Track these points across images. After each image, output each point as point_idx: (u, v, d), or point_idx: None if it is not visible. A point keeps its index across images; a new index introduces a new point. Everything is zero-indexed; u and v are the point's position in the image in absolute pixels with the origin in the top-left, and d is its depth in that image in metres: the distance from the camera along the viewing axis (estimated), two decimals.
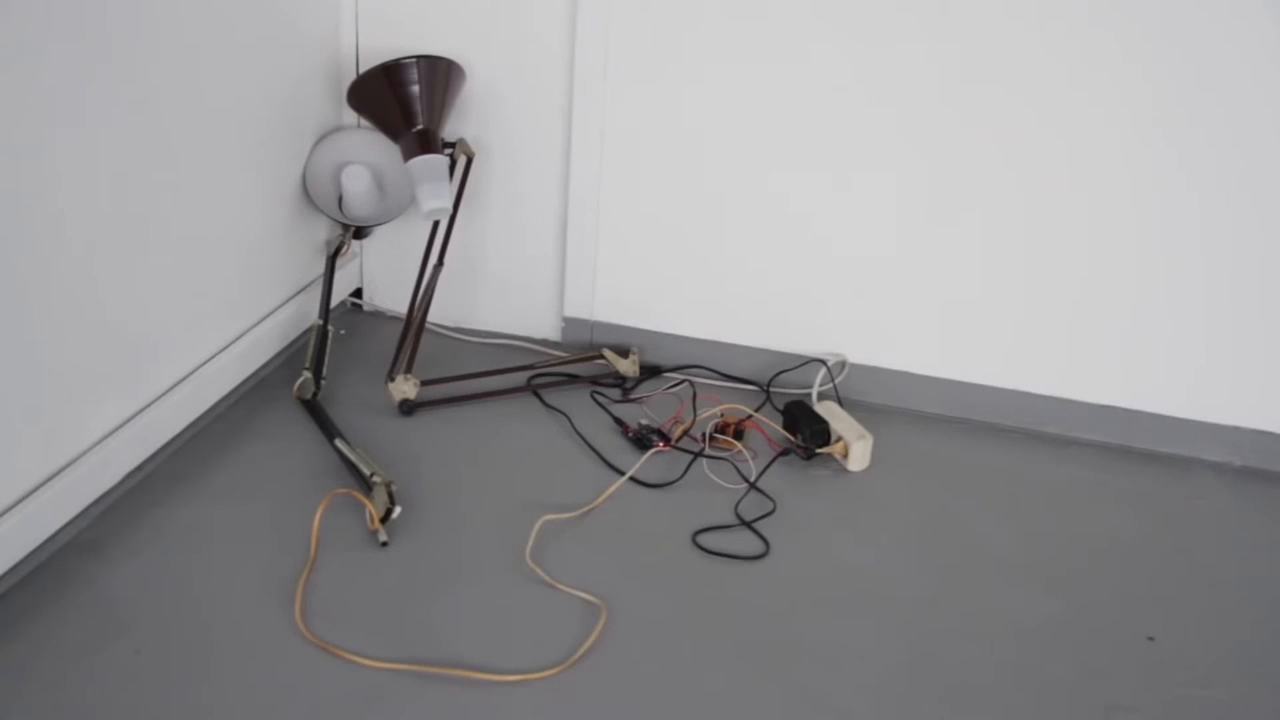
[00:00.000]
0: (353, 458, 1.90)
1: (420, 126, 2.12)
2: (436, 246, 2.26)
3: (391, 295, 2.44)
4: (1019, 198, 2.07)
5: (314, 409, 2.06)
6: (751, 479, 1.97)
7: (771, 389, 2.25)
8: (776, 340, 2.27)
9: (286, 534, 1.76)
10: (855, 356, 2.24)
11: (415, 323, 2.19)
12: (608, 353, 2.28)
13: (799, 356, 2.26)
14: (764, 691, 1.54)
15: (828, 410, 2.10)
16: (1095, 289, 2.09)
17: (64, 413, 1.68)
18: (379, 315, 2.46)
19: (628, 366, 2.26)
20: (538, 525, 1.79)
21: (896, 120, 2.07)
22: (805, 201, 2.16)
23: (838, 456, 2.04)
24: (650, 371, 2.29)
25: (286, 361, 2.22)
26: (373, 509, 1.77)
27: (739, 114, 2.13)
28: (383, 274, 2.44)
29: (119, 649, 1.53)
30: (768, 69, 2.09)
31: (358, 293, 2.47)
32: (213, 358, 2.01)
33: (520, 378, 2.24)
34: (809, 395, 2.19)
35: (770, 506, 1.91)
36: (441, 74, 2.14)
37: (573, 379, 2.24)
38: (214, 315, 2.01)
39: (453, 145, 2.23)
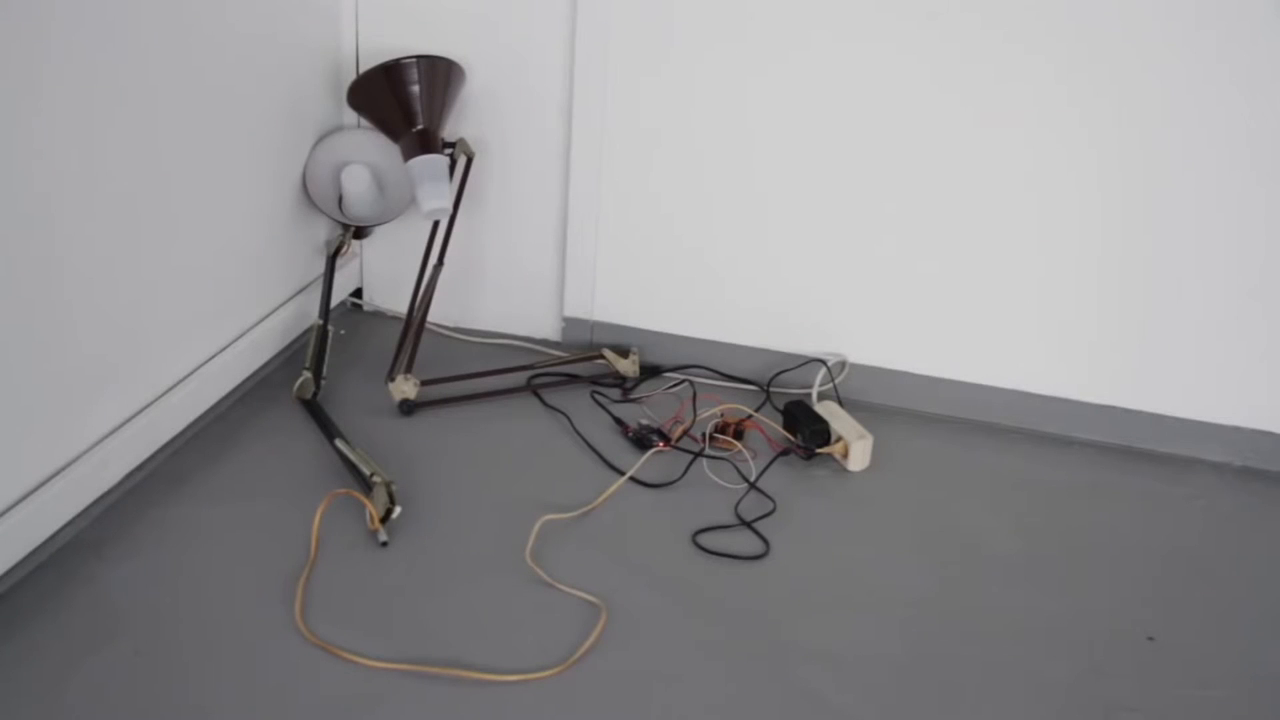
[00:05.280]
0: (353, 458, 1.90)
1: (420, 126, 2.12)
2: (436, 246, 2.26)
3: (391, 295, 2.44)
4: (1020, 198, 2.07)
5: (314, 409, 2.06)
6: (751, 479, 1.97)
7: (771, 389, 2.25)
8: (776, 340, 2.27)
9: (286, 534, 1.76)
10: (855, 356, 2.24)
11: (415, 323, 2.19)
12: (608, 353, 2.28)
13: (799, 356, 2.26)
14: (764, 691, 1.54)
15: (828, 410, 2.10)
16: (1095, 289, 2.09)
17: (64, 413, 1.68)
18: (379, 315, 2.46)
19: (628, 366, 2.26)
20: (538, 525, 1.79)
21: (897, 120, 2.07)
22: (806, 201, 2.16)
23: (838, 456, 2.04)
24: (650, 371, 2.29)
25: (286, 361, 2.22)
26: (373, 509, 1.77)
27: (739, 114, 2.13)
28: (383, 274, 2.44)
29: (119, 649, 1.53)
30: (768, 70, 2.09)
31: (358, 293, 2.47)
32: (213, 358, 2.01)
33: (520, 378, 2.24)
34: (809, 395, 2.19)
35: (770, 506, 1.91)
36: (441, 74, 2.14)
37: (573, 379, 2.24)
38: (214, 315, 2.01)
39: (453, 145, 2.23)
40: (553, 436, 2.08)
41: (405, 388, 2.09)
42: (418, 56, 2.12)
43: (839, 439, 2.03)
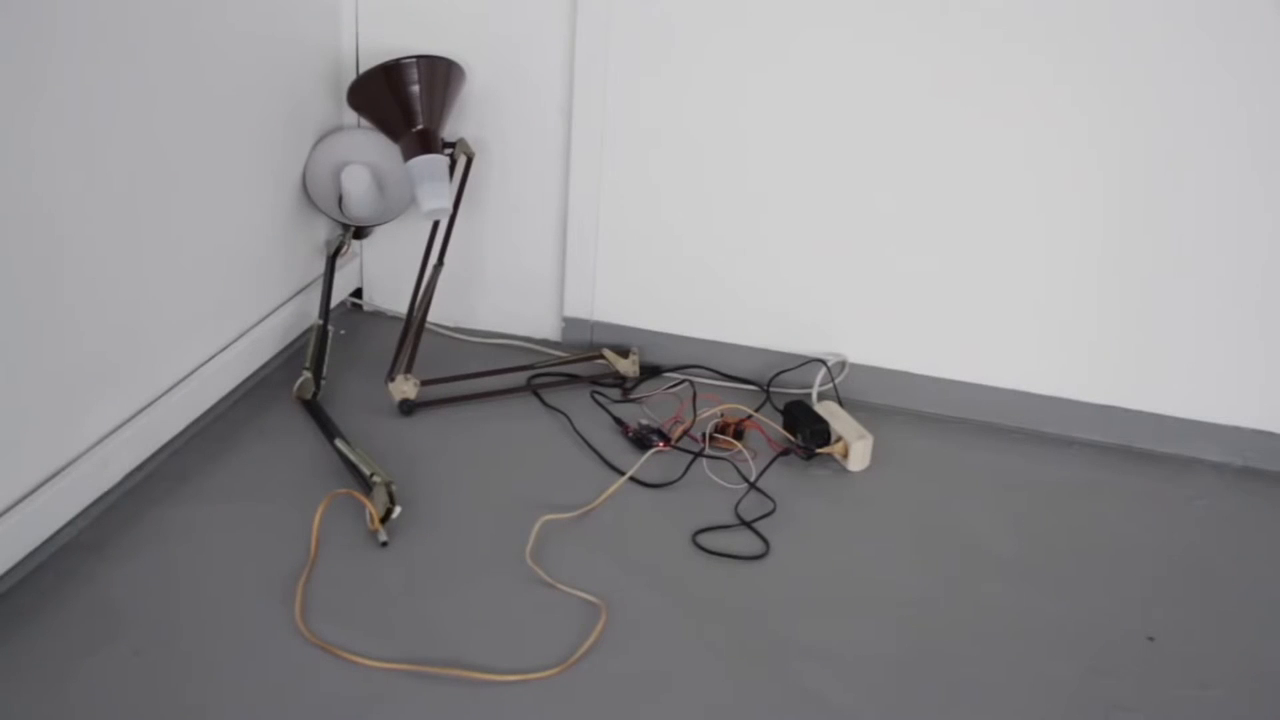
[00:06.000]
0: (353, 458, 1.90)
1: (420, 126, 2.12)
2: (436, 246, 2.26)
3: (391, 295, 2.44)
4: (1020, 198, 2.07)
5: (314, 409, 2.06)
6: (751, 479, 1.97)
7: (771, 389, 2.25)
8: (776, 340, 2.27)
9: (286, 534, 1.76)
10: (855, 356, 2.24)
11: (415, 323, 2.19)
12: (608, 353, 2.28)
13: (799, 356, 2.26)
14: (764, 691, 1.54)
15: (828, 410, 2.10)
16: (1095, 288, 2.09)
17: (64, 413, 1.68)
18: (379, 315, 2.46)
19: (628, 366, 2.26)
20: (538, 525, 1.79)
21: (896, 120, 2.07)
22: (806, 201, 2.16)
23: (838, 456, 2.04)
24: (650, 371, 2.29)
25: (286, 361, 2.22)
26: (373, 509, 1.77)
27: (739, 113, 2.13)
28: (383, 274, 2.44)
29: (119, 649, 1.53)
30: (768, 70, 2.09)
31: (358, 293, 2.47)
32: (213, 358, 2.01)
33: (520, 378, 2.24)
34: (809, 395, 2.19)
35: (770, 506, 1.91)
36: (441, 74, 2.14)
37: (573, 379, 2.24)
38: (214, 315, 2.01)
39: (453, 145, 2.23)
40: (553, 436, 2.08)
41: (405, 388, 2.09)
42: (418, 56, 2.12)
43: (839, 439, 2.03)
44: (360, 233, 2.31)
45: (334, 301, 2.29)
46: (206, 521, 1.78)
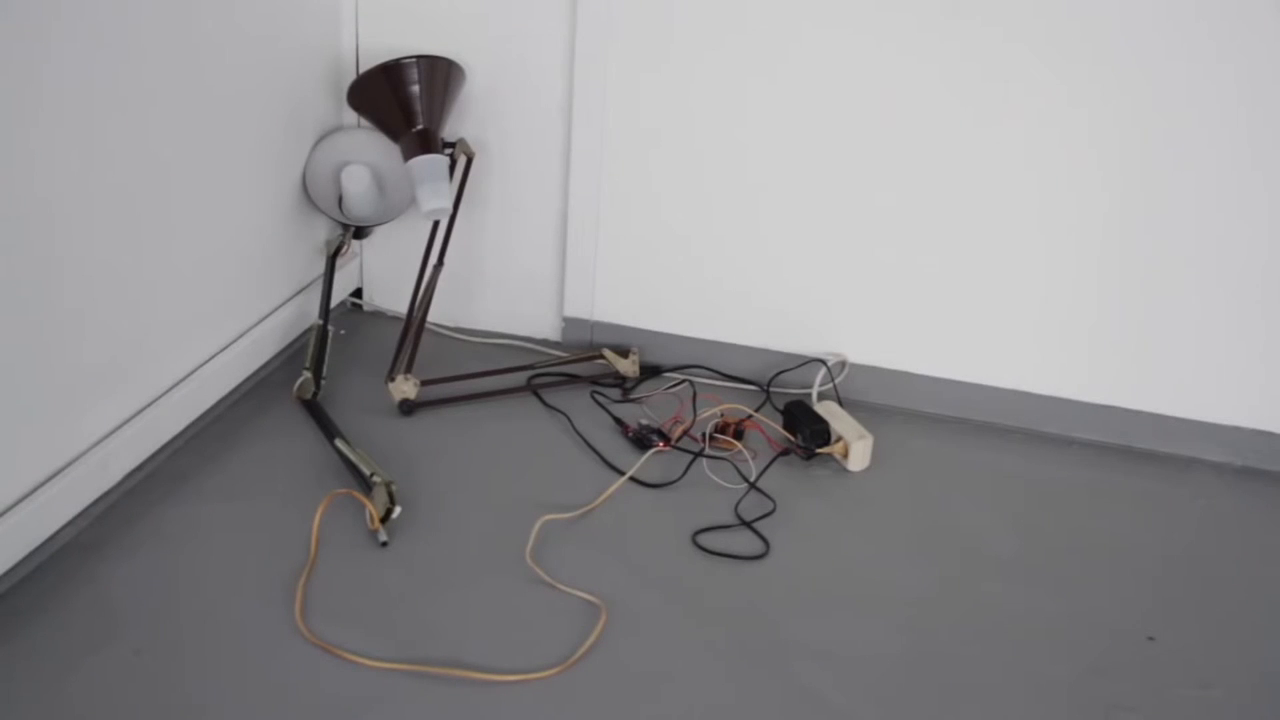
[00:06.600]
0: (353, 458, 1.90)
1: (420, 126, 2.12)
2: (436, 246, 2.26)
3: (391, 295, 2.44)
4: (1020, 198, 2.07)
5: (314, 409, 2.06)
6: (751, 479, 1.97)
7: (771, 389, 2.25)
8: (776, 340, 2.27)
9: (286, 534, 1.76)
10: (855, 356, 2.24)
11: (415, 323, 2.20)
12: (608, 353, 2.28)
13: (799, 356, 2.26)
14: (764, 691, 1.54)
15: (828, 410, 2.10)
16: (1095, 288, 2.09)
17: (64, 413, 1.68)
18: (379, 315, 2.46)
19: (628, 366, 2.26)
20: (538, 525, 1.79)
21: (896, 120, 2.07)
22: (806, 201, 2.16)
23: (838, 456, 2.04)
24: (650, 371, 2.29)
25: (286, 361, 2.22)
26: (373, 509, 1.77)
27: (739, 113, 2.13)
28: (383, 274, 2.44)
29: (119, 649, 1.53)
30: (767, 69, 2.09)
31: (358, 293, 2.47)
32: (213, 358, 2.01)
33: (520, 378, 2.24)
34: (809, 395, 2.19)
35: (770, 506, 1.91)
36: (441, 74, 2.14)
37: (573, 379, 2.24)
38: (214, 315, 2.01)
39: (453, 145, 2.23)
40: (553, 436, 2.08)
41: (405, 388, 2.09)
42: (418, 56, 2.12)
43: (839, 439, 2.03)
44: (360, 233, 2.31)
45: (334, 301, 2.29)
46: (206, 521, 1.78)
